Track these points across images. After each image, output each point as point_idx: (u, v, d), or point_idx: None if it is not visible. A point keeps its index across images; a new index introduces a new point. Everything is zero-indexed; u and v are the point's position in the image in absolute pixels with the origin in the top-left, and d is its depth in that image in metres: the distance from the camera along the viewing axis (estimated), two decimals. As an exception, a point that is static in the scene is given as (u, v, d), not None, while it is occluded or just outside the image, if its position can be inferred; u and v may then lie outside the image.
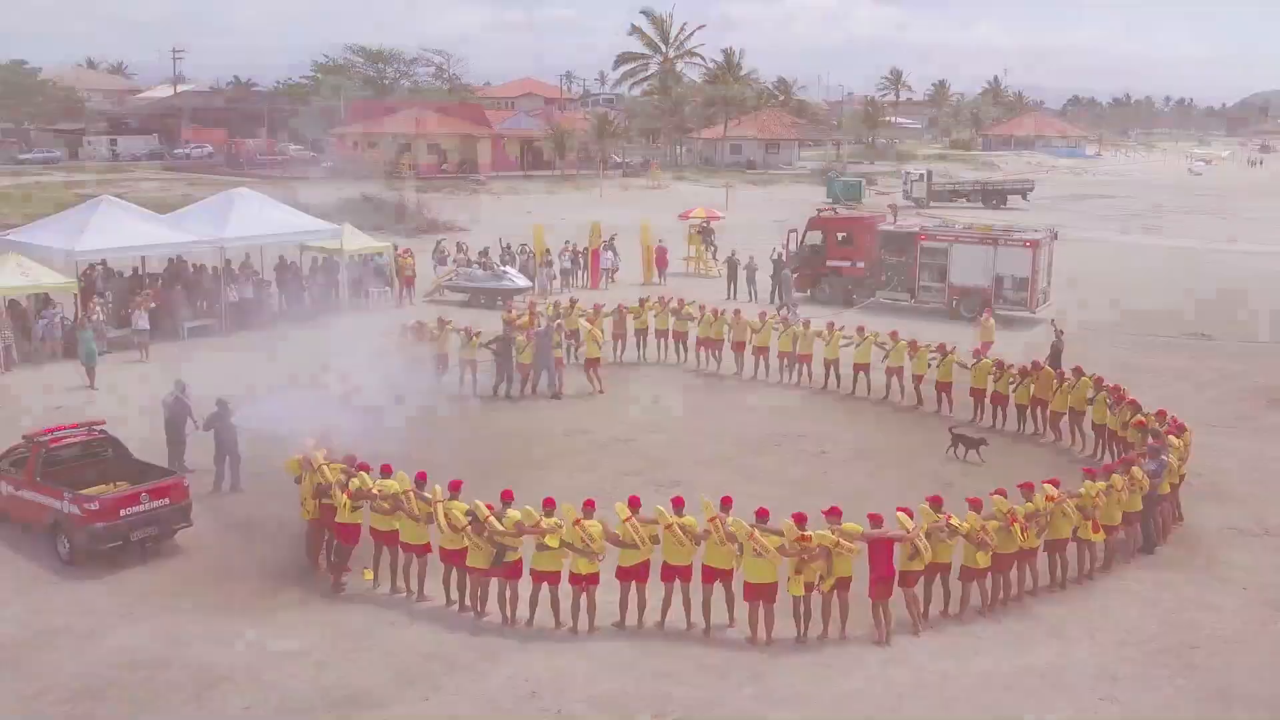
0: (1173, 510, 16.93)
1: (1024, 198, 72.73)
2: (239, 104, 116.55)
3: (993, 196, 72.15)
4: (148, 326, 25.95)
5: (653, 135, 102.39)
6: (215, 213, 29.99)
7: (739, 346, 25.35)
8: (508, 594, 13.39)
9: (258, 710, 11.47)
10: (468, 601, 13.74)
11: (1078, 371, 20.88)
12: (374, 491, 14.01)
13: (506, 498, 13.61)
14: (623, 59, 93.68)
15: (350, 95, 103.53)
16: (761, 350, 25.05)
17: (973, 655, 12.99)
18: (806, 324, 24.95)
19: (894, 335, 23.63)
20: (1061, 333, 25.03)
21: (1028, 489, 14.42)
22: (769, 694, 12.02)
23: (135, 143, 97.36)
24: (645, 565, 13.28)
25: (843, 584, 13.02)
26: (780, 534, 12.89)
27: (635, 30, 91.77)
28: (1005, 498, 14.25)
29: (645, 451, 20.13)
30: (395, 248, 35.71)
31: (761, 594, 12.93)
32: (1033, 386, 21.15)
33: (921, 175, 72.50)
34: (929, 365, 22.76)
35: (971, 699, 11.98)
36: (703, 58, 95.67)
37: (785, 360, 24.79)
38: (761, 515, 13.08)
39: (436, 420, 20.36)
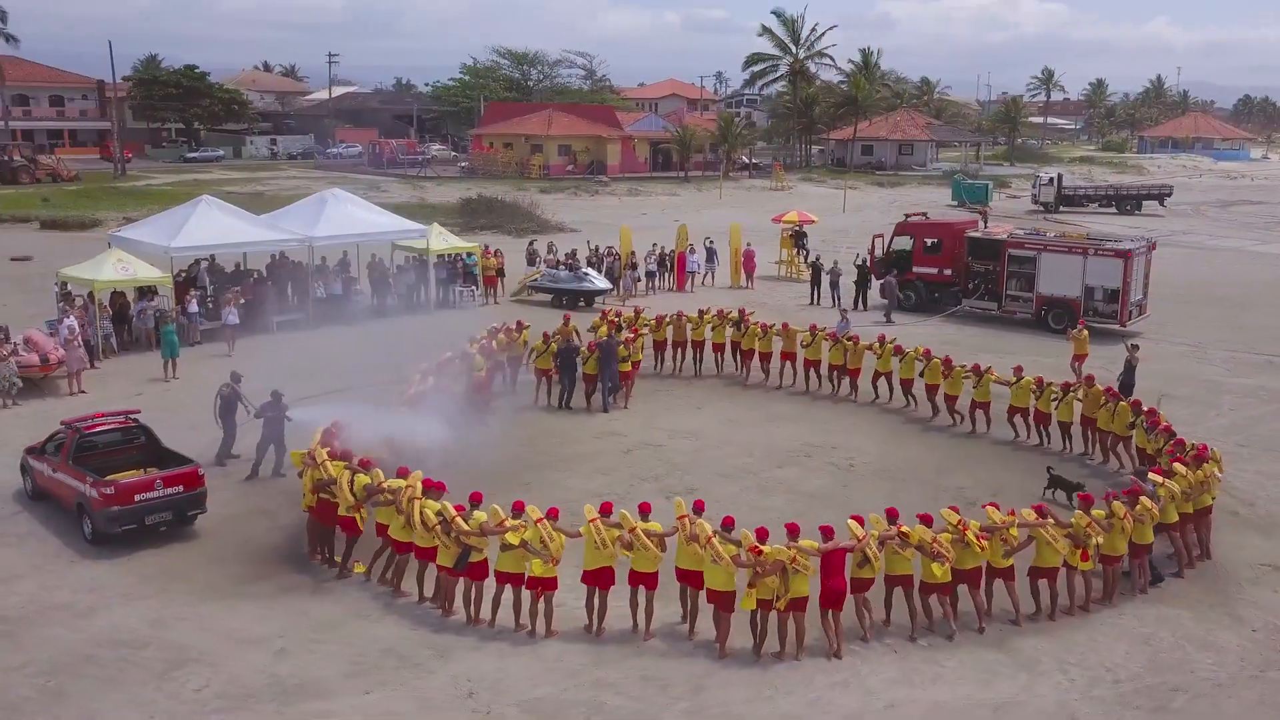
0: (1191, 540, 15.88)
1: (1161, 203, 69.03)
2: (392, 105, 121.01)
3: (1126, 202, 68.72)
4: (237, 321, 27.13)
5: (784, 136, 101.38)
6: (308, 212, 31.26)
7: (788, 358, 24.88)
8: (472, 594, 13.60)
9: (206, 693, 11.95)
10: (436, 599, 14.03)
11: (1112, 394, 19.87)
12: (383, 486, 14.46)
13: (475, 499, 13.78)
14: (752, 60, 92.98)
15: (494, 96, 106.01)
16: (813, 363, 24.53)
17: (930, 684, 12.51)
18: (855, 340, 24.12)
19: (926, 353, 22.82)
20: (1136, 348, 23.72)
21: (993, 507, 14.12)
22: (702, 709, 11.86)
23: (293, 142, 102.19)
24: (610, 571, 13.28)
25: (798, 604, 12.76)
26: (738, 544, 12.78)
27: (765, 31, 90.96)
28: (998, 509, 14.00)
29: (670, 458, 20.03)
30: (486, 248, 36.50)
31: (718, 600, 12.89)
32: (1078, 404, 20.21)
33: (1051, 179, 69.52)
34: (965, 387, 21.87)
35: (907, 730, 11.59)
36: (832, 59, 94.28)
37: (836, 373, 24.23)
38: (761, 535, 12.81)
39: (469, 419, 20.66)
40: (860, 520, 13.35)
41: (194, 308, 28.17)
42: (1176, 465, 15.69)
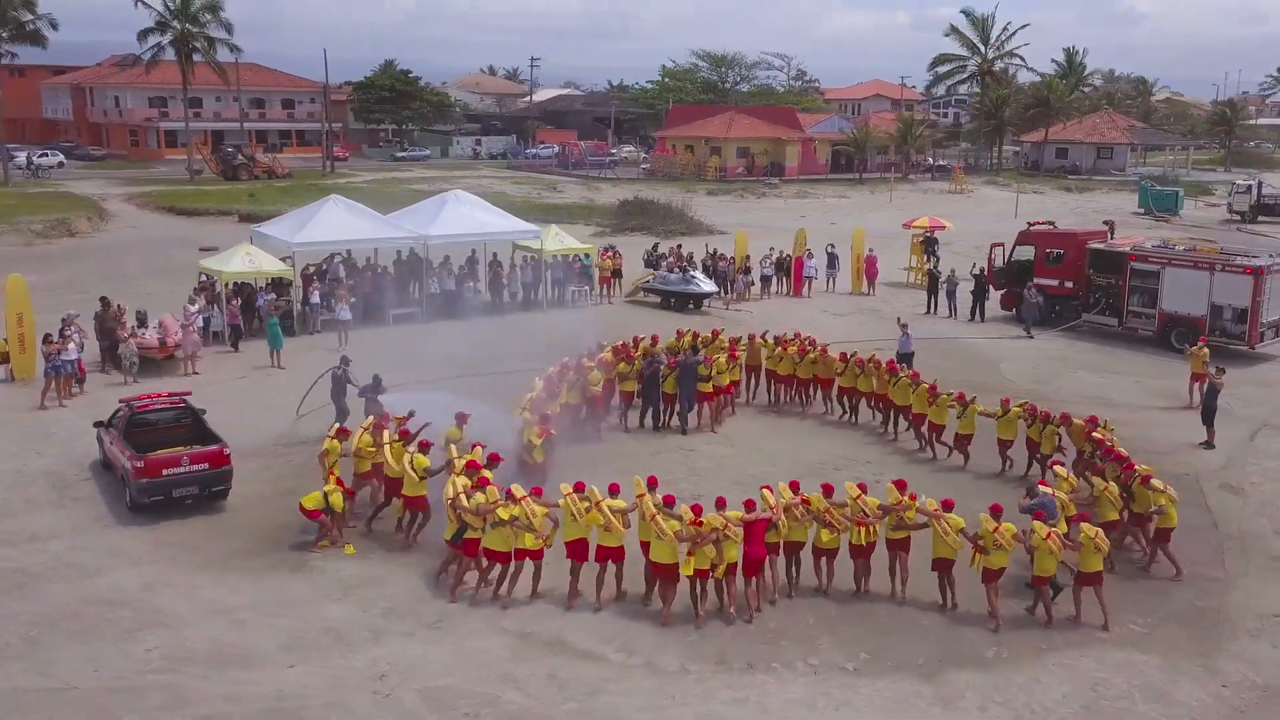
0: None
1: (1384, 214, 62.18)
2: (594, 107, 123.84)
3: (1337, 211, 62.26)
4: (348, 317, 28.57)
5: (978, 139, 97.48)
6: (428, 212, 32.71)
7: (826, 384, 23.09)
8: (456, 568, 14.51)
9: (154, 654, 12.93)
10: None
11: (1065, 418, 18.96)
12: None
13: (482, 484, 14.55)
14: (938, 60, 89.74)
15: (689, 99, 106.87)
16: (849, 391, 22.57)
17: (834, 710, 12.12)
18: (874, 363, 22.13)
19: (914, 376, 21.19)
20: (1222, 371, 21.83)
21: (900, 485, 14.85)
22: (590, 712, 11.93)
23: (495, 143, 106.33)
24: (584, 542, 14.13)
25: (730, 569, 13.81)
26: (680, 519, 13.69)
27: (952, 31, 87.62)
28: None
29: (694, 463, 19.92)
30: (605, 249, 37.11)
31: (662, 572, 13.82)
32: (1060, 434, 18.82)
33: (1249, 186, 63.85)
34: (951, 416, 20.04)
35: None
36: (1023, 59, 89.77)
37: (871, 400, 22.30)
38: (697, 510, 13.87)
39: (583, 433, 20.76)
40: (770, 489, 14.56)
41: (315, 299, 30.01)
42: (1057, 469, 16.24)
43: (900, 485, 14.89)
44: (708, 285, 33.77)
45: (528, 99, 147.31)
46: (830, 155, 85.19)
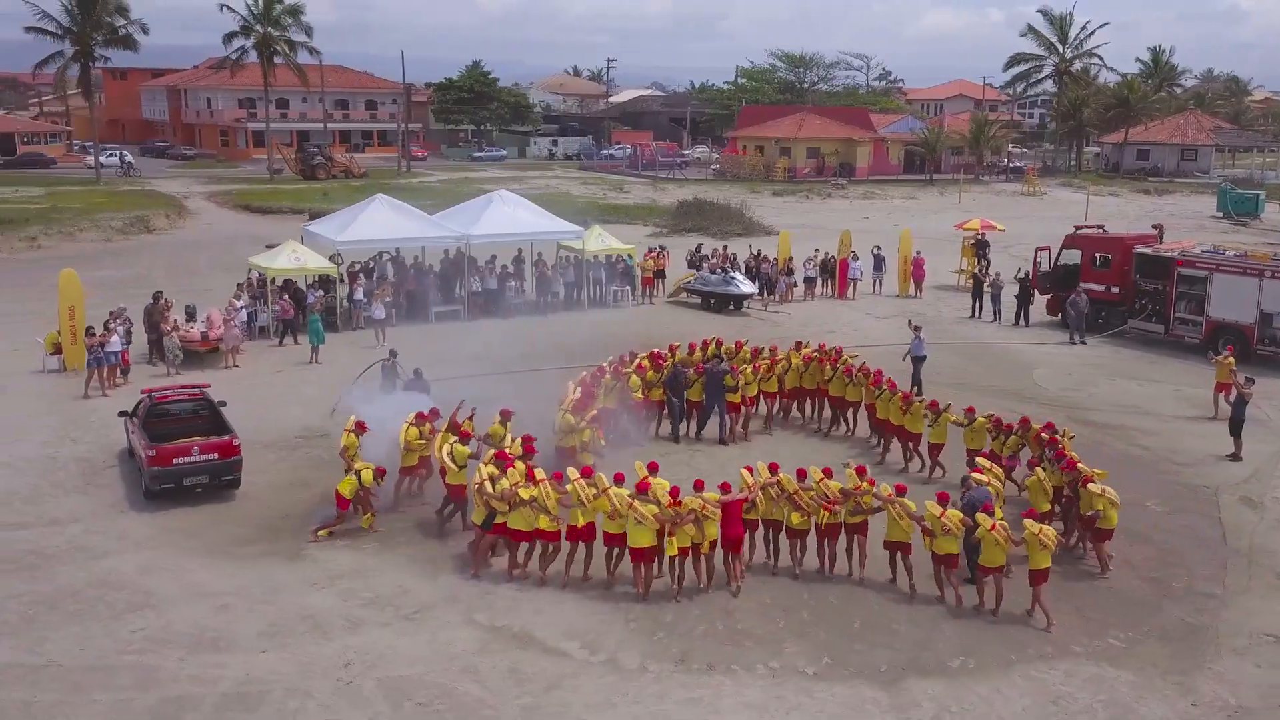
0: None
1: None
2: (671, 108, 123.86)
3: None
4: (383, 315, 29.00)
5: (1056, 139, 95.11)
6: (473, 212, 33.16)
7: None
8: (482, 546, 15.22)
9: (138, 635, 13.41)
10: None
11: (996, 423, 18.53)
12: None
13: (507, 465, 15.22)
14: (1015, 60, 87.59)
15: (766, 99, 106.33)
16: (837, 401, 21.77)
17: (785, 713, 12.05)
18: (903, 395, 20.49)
19: (876, 375, 20.67)
20: (1251, 381, 21.04)
21: (859, 470, 15.33)
22: (539, 708, 12.04)
23: (572, 143, 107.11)
24: (591, 526, 14.83)
25: (711, 546, 14.60)
26: (658, 503, 14.26)
27: (1029, 31, 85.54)
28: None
29: (698, 463, 19.89)
30: (651, 249, 37.19)
31: (642, 556, 14.39)
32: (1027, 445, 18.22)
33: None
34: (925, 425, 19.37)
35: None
36: (1101, 58, 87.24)
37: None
38: (674, 493, 14.55)
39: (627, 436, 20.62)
40: (750, 470, 15.27)
41: (359, 295, 30.68)
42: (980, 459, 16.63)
43: (860, 471, 15.36)
44: (747, 286, 33.64)
45: (612, 99, 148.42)
46: (903, 156, 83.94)
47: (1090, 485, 15.43)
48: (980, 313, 33.21)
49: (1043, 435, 17.57)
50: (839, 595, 14.83)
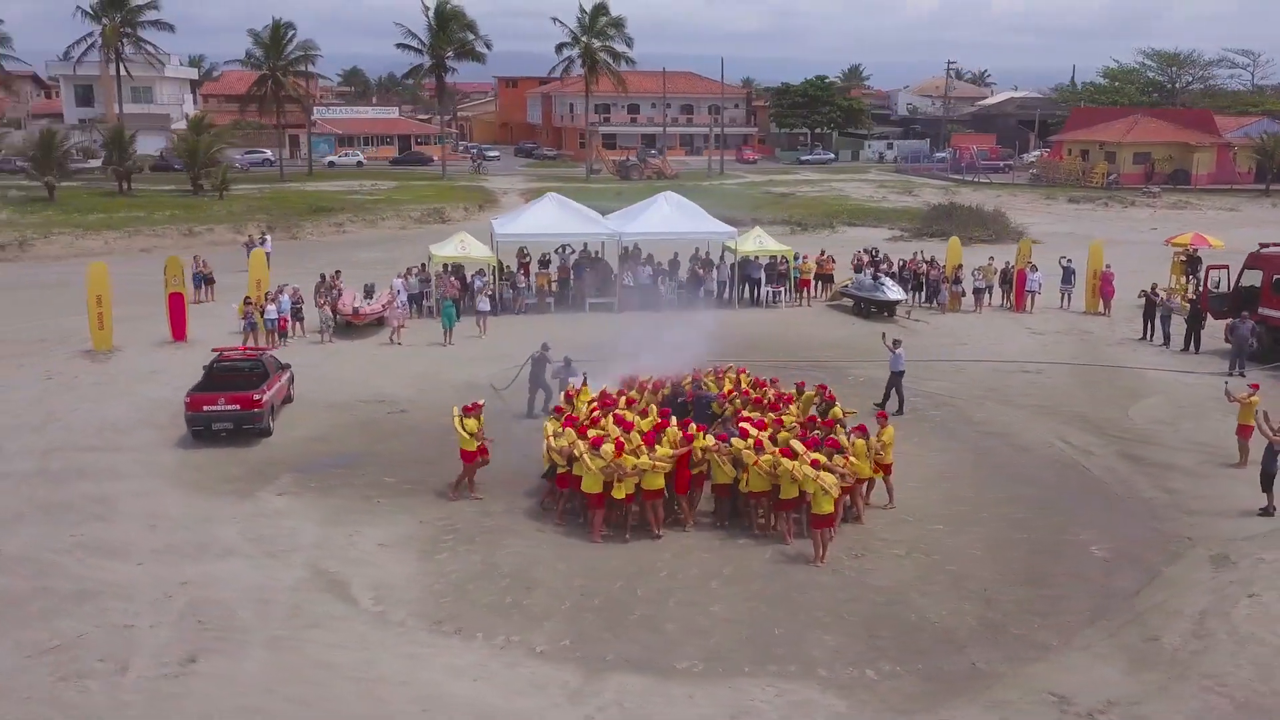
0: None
1: None
2: (1024, 111, 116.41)
3: None
4: (488, 309, 30.74)
5: None
6: (635, 212, 34.62)
7: None
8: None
9: (74, 539, 16.23)
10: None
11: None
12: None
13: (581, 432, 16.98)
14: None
15: (1130, 101, 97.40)
16: None
17: (471, 680, 12.58)
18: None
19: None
20: (1281, 430, 17.65)
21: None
22: (281, 640, 13.40)
23: (907, 147, 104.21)
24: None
25: (656, 494, 16.37)
26: (604, 456, 15.98)
27: None
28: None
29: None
30: (822, 252, 36.49)
31: (593, 502, 16.31)
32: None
33: None
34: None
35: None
36: None
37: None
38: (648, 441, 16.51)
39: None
40: (703, 428, 17.28)
41: (521, 283, 33.21)
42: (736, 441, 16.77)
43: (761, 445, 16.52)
44: (894, 293, 32.27)
45: (984, 102, 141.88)
46: (1255, 163, 73.64)
47: (805, 469, 15.54)
48: (1151, 335, 29.53)
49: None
50: (624, 583, 15.00)
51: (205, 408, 20.55)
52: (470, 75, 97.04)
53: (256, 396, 20.82)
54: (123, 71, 71.85)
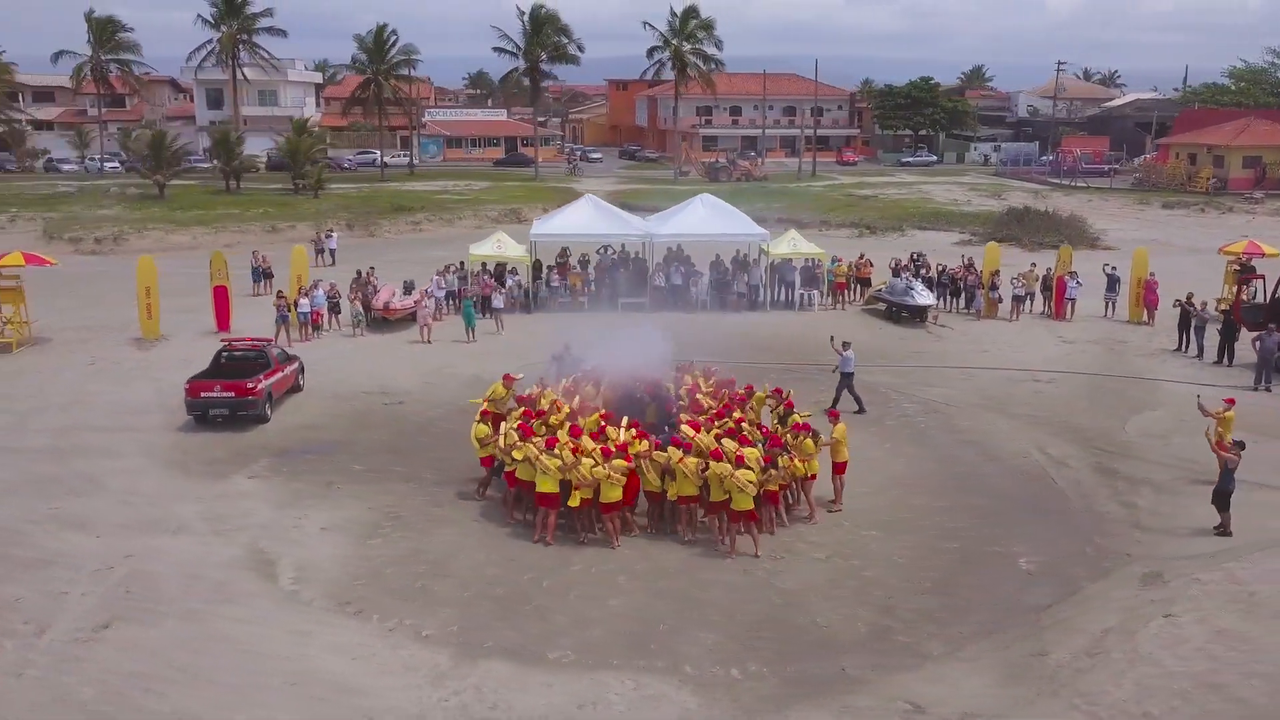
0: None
1: None
2: (1142, 113, 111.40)
3: None
4: (502, 306, 31.36)
5: None
6: (670, 214, 34.82)
7: None
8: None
9: (51, 512, 17.42)
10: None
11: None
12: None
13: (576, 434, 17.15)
14: None
15: (1257, 102, 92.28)
16: None
17: (349, 659, 13.07)
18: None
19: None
20: (1242, 446, 16.71)
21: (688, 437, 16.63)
22: (196, 612, 14.18)
23: (1014, 149, 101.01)
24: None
25: (614, 506, 16.25)
26: (560, 459, 16.05)
27: None
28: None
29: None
30: (861, 255, 35.91)
31: (544, 501, 16.31)
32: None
33: None
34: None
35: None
36: None
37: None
38: (606, 454, 16.36)
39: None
40: (677, 442, 16.80)
41: (555, 282, 33.79)
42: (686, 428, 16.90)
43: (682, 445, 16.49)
44: (923, 298, 31.59)
45: (1110, 103, 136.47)
46: (1380, 168, 69.05)
47: (714, 465, 15.63)
48: (1186, 346, 28.17)
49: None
50: (534, 575, 15.32)
51: (202, 394, 21.69)
52: (582, 78, 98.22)
53: (250, 385, 21.85)
54: (242, 76, 75.38)
